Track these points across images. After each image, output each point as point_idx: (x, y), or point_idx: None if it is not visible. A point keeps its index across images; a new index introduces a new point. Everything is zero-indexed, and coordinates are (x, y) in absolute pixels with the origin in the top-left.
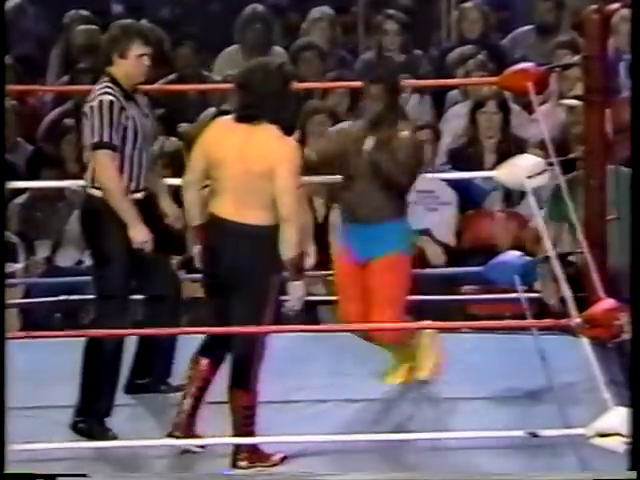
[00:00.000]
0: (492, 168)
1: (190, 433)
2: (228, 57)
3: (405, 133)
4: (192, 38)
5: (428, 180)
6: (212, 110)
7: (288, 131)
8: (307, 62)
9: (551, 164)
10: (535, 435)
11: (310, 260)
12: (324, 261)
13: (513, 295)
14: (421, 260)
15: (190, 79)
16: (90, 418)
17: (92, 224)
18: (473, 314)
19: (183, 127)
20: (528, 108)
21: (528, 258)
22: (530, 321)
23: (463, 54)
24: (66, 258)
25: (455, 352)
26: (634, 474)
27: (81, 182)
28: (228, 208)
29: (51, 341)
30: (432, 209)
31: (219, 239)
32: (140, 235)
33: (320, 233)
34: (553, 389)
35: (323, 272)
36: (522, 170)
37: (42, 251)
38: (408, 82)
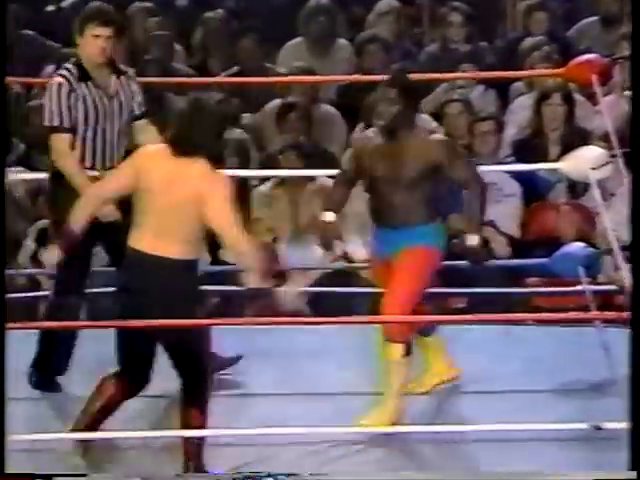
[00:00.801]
0: (556, 160)
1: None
2: (292, 49)
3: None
4: (256, 30)
5: (492, 172)
6: (277, 102)
7: (218, 163)
8: (371, 55)
9: (615, 156)
10: (599, 428)
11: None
12: None
13: (577, 287)
14: (486, 251)
15: (254, 71)
16: (42, 371)
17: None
18: (537, 306)
19: (247, 118)
20: (592, 99)
21: (592, 250)
22: (594, 313)
23: (532, 45)
24: None
25: (519, 344)
26: (634, 474)
27: None
28: (149, 241)
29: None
30: (496, 201)
31: (139, 275)
32: None
33: None
34: (616, 382)
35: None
36: (586, 162)
37: None
38: (473, 74)
